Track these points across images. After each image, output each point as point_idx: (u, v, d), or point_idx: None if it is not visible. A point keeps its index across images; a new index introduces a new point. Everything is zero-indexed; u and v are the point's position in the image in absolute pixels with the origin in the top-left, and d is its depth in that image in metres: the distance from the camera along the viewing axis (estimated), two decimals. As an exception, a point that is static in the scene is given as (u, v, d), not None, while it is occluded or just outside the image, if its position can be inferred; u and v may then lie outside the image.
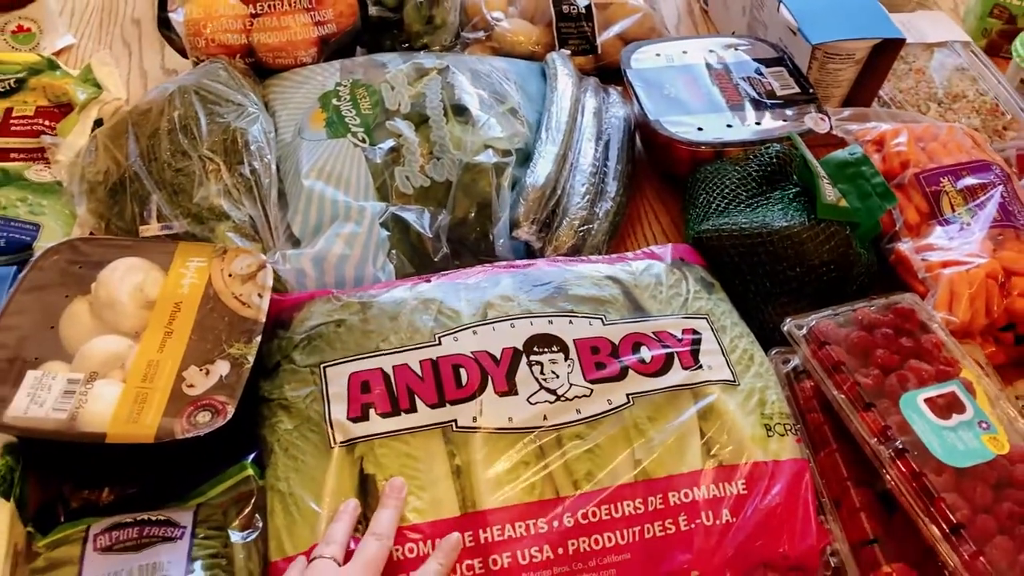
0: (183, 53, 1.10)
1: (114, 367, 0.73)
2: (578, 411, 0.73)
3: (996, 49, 1.33)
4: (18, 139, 1.02)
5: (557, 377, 0.74)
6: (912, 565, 0.68)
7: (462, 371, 0.74)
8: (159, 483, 0.72)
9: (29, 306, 0.75)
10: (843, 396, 0.73)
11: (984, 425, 0.70)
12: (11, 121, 1.03)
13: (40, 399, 0.68)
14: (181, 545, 0.66)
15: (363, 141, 0.94)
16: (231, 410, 0.69)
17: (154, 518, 0.68)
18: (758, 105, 1.05)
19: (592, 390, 0.74)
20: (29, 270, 0.77)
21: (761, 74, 1.09)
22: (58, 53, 1.21)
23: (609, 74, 1.19)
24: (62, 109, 1.05)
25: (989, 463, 0.69)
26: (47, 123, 1.03)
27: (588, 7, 1.19)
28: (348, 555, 0.63)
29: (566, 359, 0.76)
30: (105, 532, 0.67)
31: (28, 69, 1.08)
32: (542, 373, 0.74)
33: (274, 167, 0.93)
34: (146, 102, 0.98)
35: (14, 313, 0.74)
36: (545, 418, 0.72)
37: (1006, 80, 1.21)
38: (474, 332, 0.76)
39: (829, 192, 0.87)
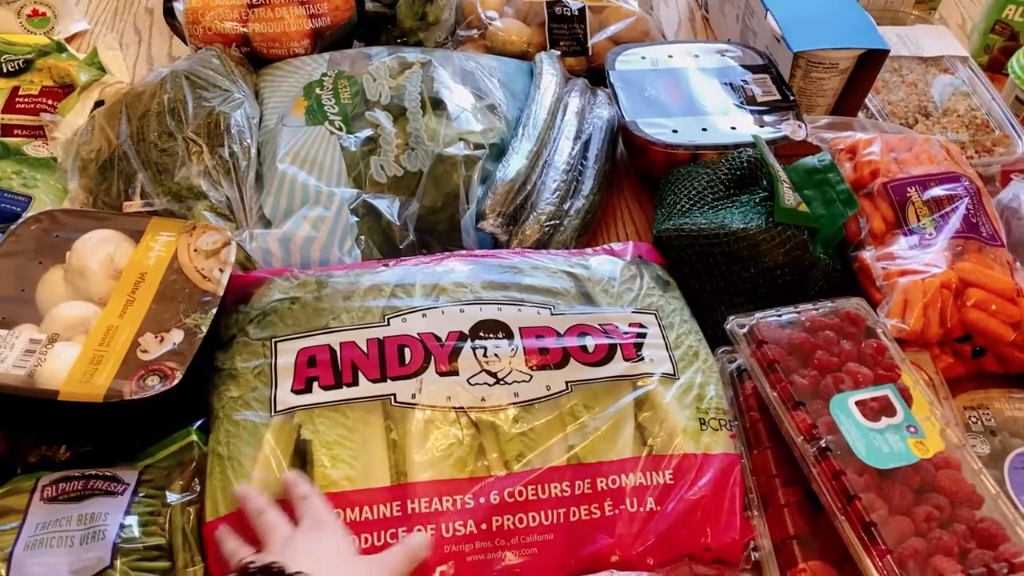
0: (185, 41, 1.14)
1: (79, 331, 0.76)
2: (516, 395, 0.75)
3: (997, 66, 1.32)
4: (22, 116, 1.07)
5: (499, 360, 0.76)
6: (833, 563, 0.69)
7: (406, 350, 0.76)
8: (112, 443, 0.76)
9: (4, 270, 0.80)
10: (776, 395, 0.74)
11: (912, 429, 0.71)
12: (16, 99, 1.08)
13: (2, 356, 0.72)
14: (121, 500, 0.69)
15: (340, 129, 0.97)
16: (179, 375, 0.72)
17: (100, 473, 0.71)
18: (737, 110, 1.06)
19: (532, 376, 0.76)
20: (7, 237, 0.82)
21: (745, 80, 1.10)
22: (72, 38, 1.26)
23: (600, 76, 1.20)
24: (65, 90, 1.10)
25: (913, 467, 0.69)
26: (50, 102, 1.08)
27: (581, 9, 1.21)
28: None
29: (510, 345, 0.78)
30: (52, 484, 0.70)
31: (37, 51, 1.13)
32: (485, 356, 0.76)
33: (254, 151, 0.97)
34: (141, 85, 1.02)
35: (-11, 276, 0.78)
36: (483, 400, 0.74)
37: (1001, 97, 1.20)
38: (423, 315, 0.79)
39: (788, 196, 0.88)
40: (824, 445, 0.69)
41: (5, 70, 1.11)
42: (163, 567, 0.67)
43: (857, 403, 0.72)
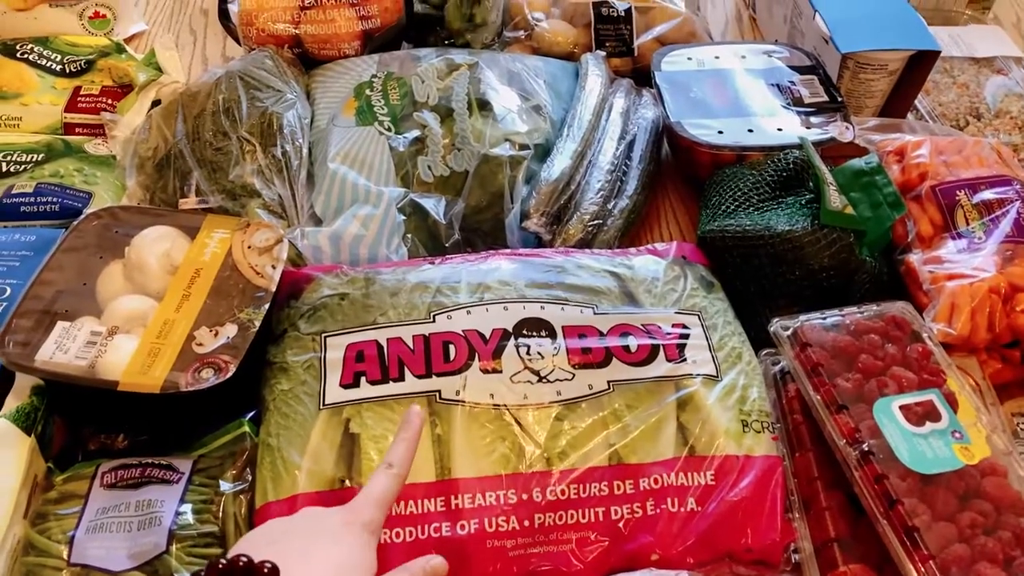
0: (239, 42, 1.17)
1: (137, 324, 0.79)
2: (559, 393, 0.76)
3: (1053, 66, 1.29)
4: (83, 115, 1.11)
5: (542, 359, 0.77)
6: (874, 567, 0.69)
7: (451, 347, 0.77)
8: (168, 433, 0.78)
9: (67, 264, 0.82)
10: (819, 398, 0.74)
11: (957, 435, 0.70)
12: (78, 98, 1.12)
13: (65, 347, 0.75)
14: (177, 488, 0.72)
15: (388, 130, 0.99)
16: (233, 368, 0.74)
17: (157, 462, 0.74)
18: (784, 111, 1.05)
19: (574, 374, 0.77)
20: (70, 232, 0.85)
21: (792, 82, 1.10)
22: (131, 39, 1.30)
23: (646, 77, 1.21)
24: (124, 89, 1.14)
25: (958, 472, 0.69)
26: (109, 102, 1.12)
27: (628, 10, 1.21)
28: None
29: (553, 343, 0.79)
30: (112, 471, 0.73)
31: (98, 52, 1.17)
32: (528, 354, 0.78)
33: (305, 150, 0.99)
34: (197, 84, 1.06)
35: (53, 269, 0.81)
36: (526, 397, 0.75)
37: (1057, 98, 1.18)
38: (468, 312, 0.80)
39: (835, 199, 0.88)
40: (867, 449, 0.69)
41: (68, 70, 1.15)
42: (216, 553, 0.69)
43: (901, 407, 0.72)
